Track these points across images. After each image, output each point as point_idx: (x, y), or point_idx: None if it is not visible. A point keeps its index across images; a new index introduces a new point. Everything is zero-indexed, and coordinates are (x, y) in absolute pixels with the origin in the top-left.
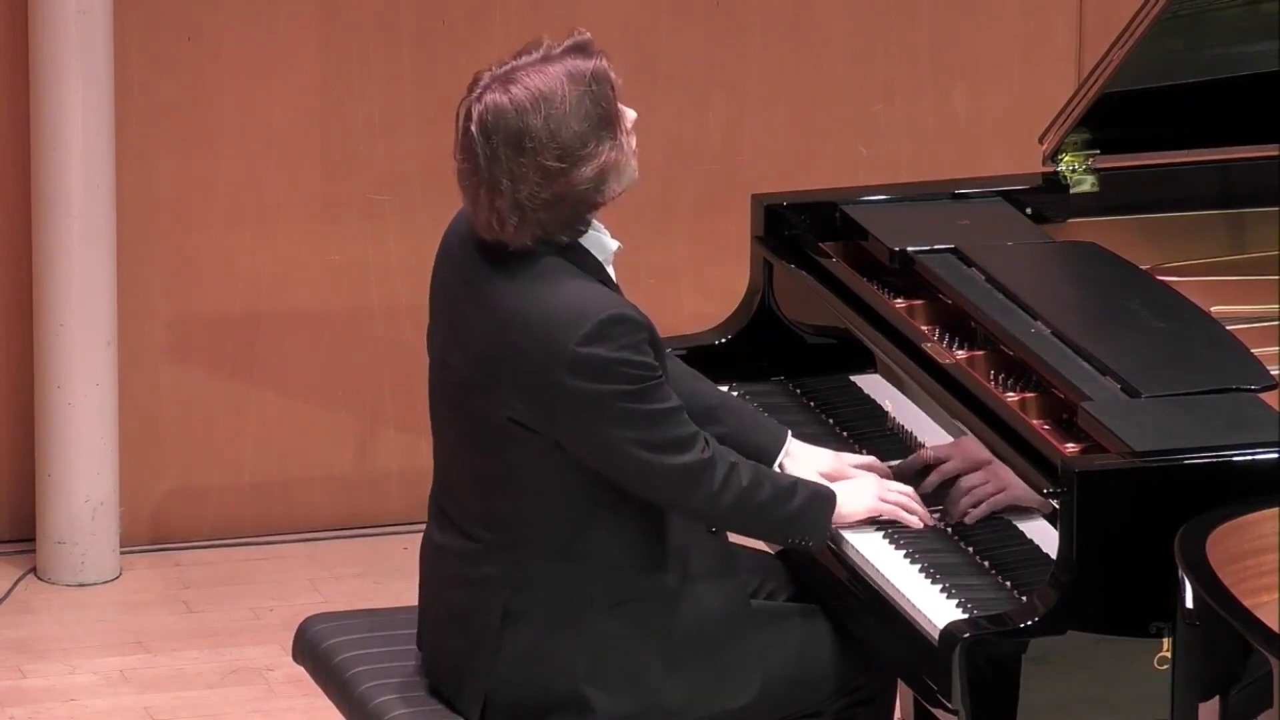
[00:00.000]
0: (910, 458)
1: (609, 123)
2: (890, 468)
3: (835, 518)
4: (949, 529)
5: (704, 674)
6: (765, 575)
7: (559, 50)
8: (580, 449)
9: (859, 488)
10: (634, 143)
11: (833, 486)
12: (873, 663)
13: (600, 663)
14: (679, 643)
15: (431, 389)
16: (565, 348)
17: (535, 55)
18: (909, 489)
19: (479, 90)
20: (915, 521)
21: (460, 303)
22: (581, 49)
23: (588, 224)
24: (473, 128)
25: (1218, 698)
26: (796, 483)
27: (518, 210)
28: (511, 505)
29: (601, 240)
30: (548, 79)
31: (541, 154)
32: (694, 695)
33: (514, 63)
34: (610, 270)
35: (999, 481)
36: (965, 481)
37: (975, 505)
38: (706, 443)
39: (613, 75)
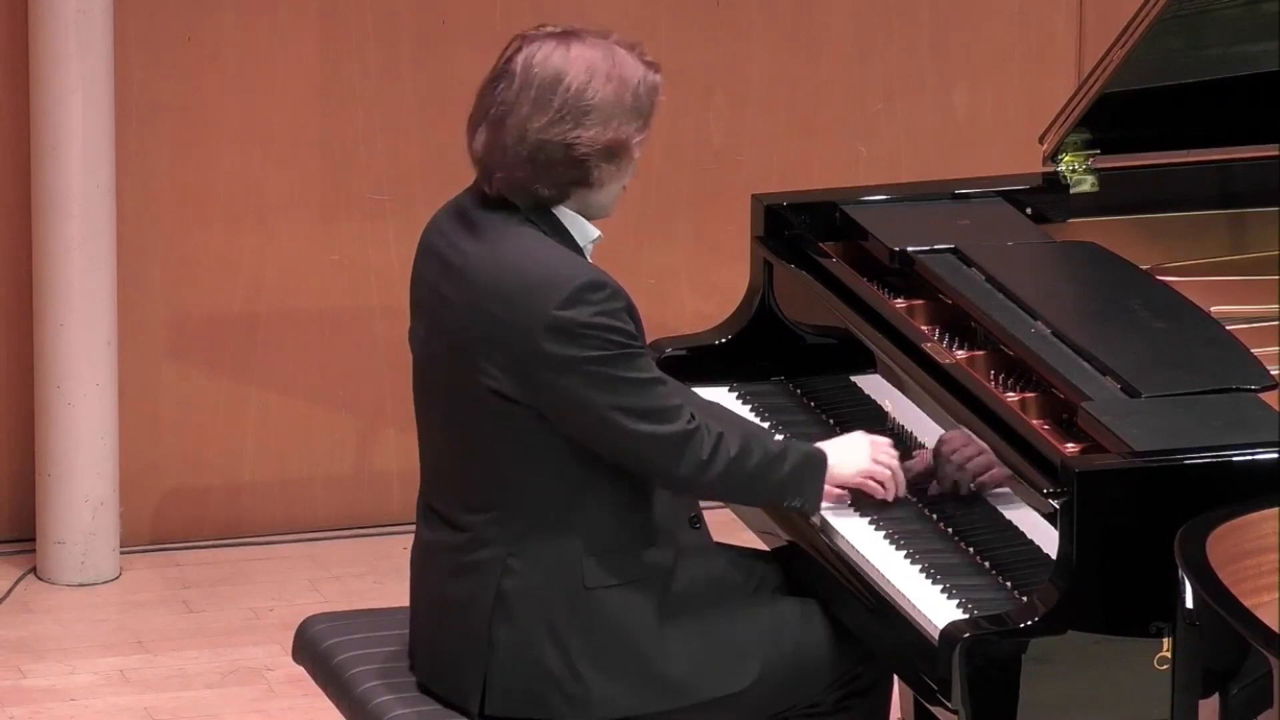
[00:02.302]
0: (910, 461)
1: (640, 116)
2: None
3: (828, 478)
4: (949, 529)
5: (702, 656)
6: (762, 573)
7: (626, 46)
8: (563, 417)
9: (851, 446)
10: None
11: (824, 446)
12: (869, 653)
13: (595, 644)
14: (674, 624)
15: (416, 384)
16: (544, 313)
17: (603, 34)
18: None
19: (535, 35)
20: (900, 489)
21: (441, 287)
22: (650, 62)
23: (566, 197)
24: (517, 61)
25: (1218, 697)
26: (786, 447)
27: (523, 140)
28: (498, 484)
29: (583, 225)
30: (607, 52)
31: (571, 96)
32: (692, 678)
33: (579, 27)
34: (589, 259)
35: (991, 458)
36: (958, 456)
37: (972, 477)
38: (692, 415)
39: (661, 95)
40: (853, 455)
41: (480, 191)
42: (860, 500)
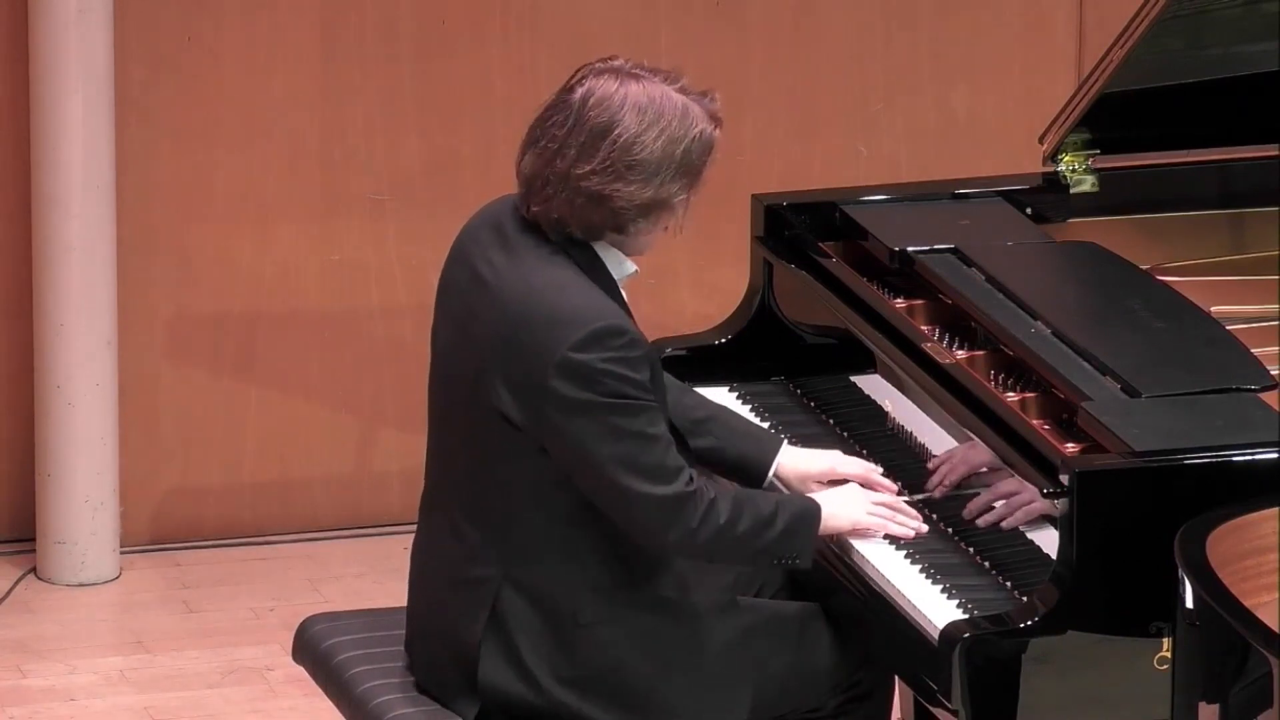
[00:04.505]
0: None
1: (688, 175)
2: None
3: (822, 528)
4: (949, 529)
5: (694, 690)
6: (764, 575)
7: (693, 94)
8: (562, 458)
9: (844, 499)
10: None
11: (818, 497)
12: (870, 658)
13: (587, 677)
14: (668, 658)
15: (432, 383)
16: (558, 351)
17: (670, 78)
18: (894, 498)
19: (603, 68)
20: (905, 532)
21: (469, 297)
22: (714, 115)
23: (599, 239)
24: (577, 95)
25: (1217, 697)
26: (777, 507)
27: (565, 182)
28: (499, 505)
29: (619, 259)
30: (668, 101)
31: (617, 150)
32: (684, 710)
33: (648, 67)
34: (623, 294)
35: (1031, 492)
36: (1002, 487)
37: (1010, 512)
38: (691, 478)
39: (716, 152)
40: (845, 506)
41: (517, 208)
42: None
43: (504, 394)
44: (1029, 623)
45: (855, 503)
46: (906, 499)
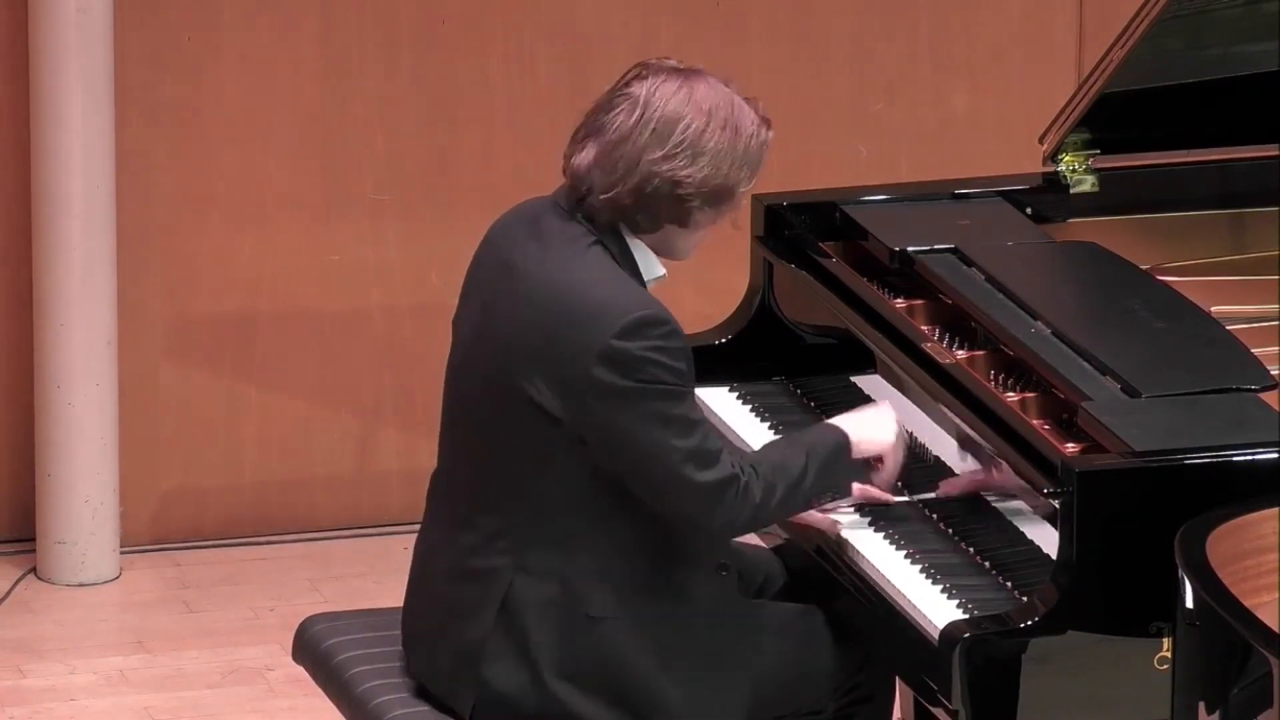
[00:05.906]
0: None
1: (749, 166)
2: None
3: (855, 450)
4: (949, 529)
5: (694, 690)
6: (765, 573)
7: (743, 95)
8: (605, 447)
9: (876, 423)
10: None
11: (848, 422)
12: (871, 660)
13: (591, 673)
14: (669, 657)
15: (450, 372)
16: (600, 340)
17: (723, 80)
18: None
19: (660, 66)
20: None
21: (500, 285)
22: (764, 118)
23: (658, 231)
24: (639, 89)
25: (1218, 698)
26: (807, 459)
27: (633, 170)
28: (513, 494)
29: (651, 260)
30: (727, 99)
31: (689, 135)
32: (684, 710)
33: (701, 68)
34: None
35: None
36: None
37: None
38: (731, 461)
39: (767, 152)
40: (879, 429)
41: (557, 203)
42: (860, 502)
43: (540, 384)
44: (1029, 623)
45: (887, 427)
46: (906, 499)
